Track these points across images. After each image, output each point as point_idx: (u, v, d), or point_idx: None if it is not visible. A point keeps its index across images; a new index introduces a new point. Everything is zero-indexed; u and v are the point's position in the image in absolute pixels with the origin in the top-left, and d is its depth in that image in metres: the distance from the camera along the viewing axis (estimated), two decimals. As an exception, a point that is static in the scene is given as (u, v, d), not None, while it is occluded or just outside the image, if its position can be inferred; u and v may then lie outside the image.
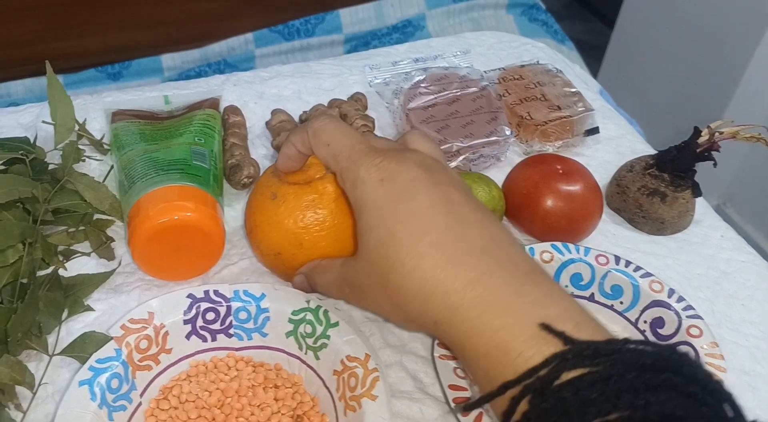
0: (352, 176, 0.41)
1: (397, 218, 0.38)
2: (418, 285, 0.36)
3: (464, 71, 0.69)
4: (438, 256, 0.36)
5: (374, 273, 0.39)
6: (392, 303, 0.39)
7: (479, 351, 0.34)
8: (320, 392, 0.46)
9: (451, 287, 0.35)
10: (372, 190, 0.39)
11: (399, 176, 0.39)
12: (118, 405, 0.43)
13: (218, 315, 0.47)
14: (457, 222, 0.37)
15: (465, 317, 0.35)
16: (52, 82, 0.59)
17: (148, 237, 0.49)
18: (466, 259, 0.36)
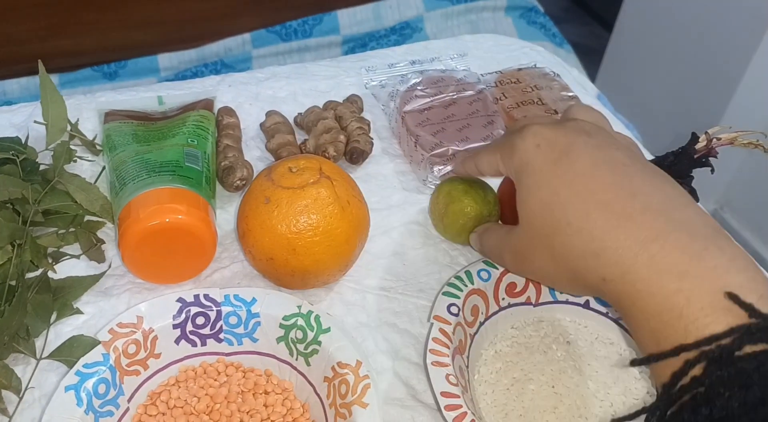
0: (508, 149, 0.42)
1: (559, 179, 0.38)
2: (587, 243, 0.36)
3: (461, 74, 0.69)
4: (608, 214, 0.36)
5: (538, 236, 0.39)
6: (558, 264, 0.39)
7: (649, 312, 0.34)
8: (311, 398, 0.45)
9: (624, 244, 0.35)
10: (531, 155, 0.40)
11: (556, 140, 0.39)
12: (105, 411, 0.42)
13: (208, 319, 0.47)
14: (625, 182, 0.37)
15: (638, 276, 0.34)
16: (45, 82, 0.58)
17: (138, 240, 0.48)
18: (639, 217, 0.35)
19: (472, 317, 0.48)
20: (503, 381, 0.47)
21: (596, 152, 0.39)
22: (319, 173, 0.49)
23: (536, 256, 0.40)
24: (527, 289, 0.51)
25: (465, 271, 0.49)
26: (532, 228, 0.40)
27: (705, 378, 0.31)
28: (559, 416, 0.45)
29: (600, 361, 0.48)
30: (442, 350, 0.45)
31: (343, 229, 0.49)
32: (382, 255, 0.56)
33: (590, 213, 0.37)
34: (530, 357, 0.49)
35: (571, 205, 0.37)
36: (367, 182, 0.62)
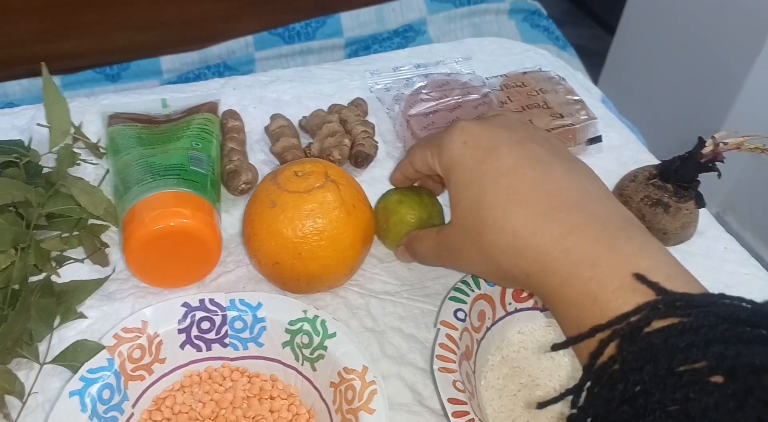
0: (437, 146, 0.43)
1: (485, 178, 0.40)
2: (510, 241, 0.38)
3: (466, 77, 0.68)
4: (527, 213, 0.38)
5: (469, 234, 0.41)
6: (486, 260, 0.40)
7: (568, 301, 0.35)
8: (316, 404, 0.45)
9: (541, 241, 0.37)
10: (458, 154, 0.41)
11: (482, 137, 0.41)
12: (110, 417, 0.42)
13: (213, 324, 0.46)
14: (544, 178, 0.39)
15: (555, 269, 0.36)
16: (48, 85, 0.58)
17: (142, 244, 0.48)
18: (555, 214, 0.37)
19: (479, 322, 0.48)
20: (510, 386, 0.47)
21: (518, 148, 0.40)
22: (325, 177, 0.49)
23: (467, 252, 0.42)
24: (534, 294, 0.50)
25: (471, 276, 0.49)
26: (463, 225, 0.41)
27: (618, 356, 0.32)
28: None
29: (607, 367, 0.48)
30: (449, 356, 0.44)
31: (349, 234, 0.49)
32: (387, 259, 0.56)
33: (513, 212, 0.38)
34: (538, 362, 0.48)
35: (496, 203, 0.39)
36: (372, 186, 0.62)
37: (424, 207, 0.53)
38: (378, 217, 0.54)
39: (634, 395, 0.30)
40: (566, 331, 0.37)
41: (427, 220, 0.53)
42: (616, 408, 0.31)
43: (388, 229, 0.53)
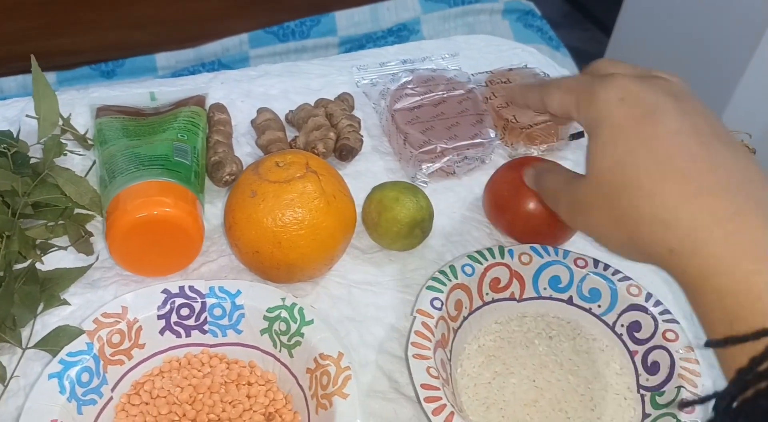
0: (588, 96, 0.38)
1: (639, 138, 0.36)
2: (657, 210, 0.34)
3: (451, 73, 0.69)
4: (684, 184, 0.34)
5: (604, 192, 0.37)
6: (618, 225, 0.37)
7: (723, 291, 0.32)
8: (293, 390, 0.46)
9: (699, 217, 0.33)
10: (612, 108, 0.37)
11: (643, 98, 0.37)
12: (88, 399, 0.43)
13: (193, 311, 0.47)
14: (708, 154, 0.35)
15: (711, 253, 0.33)
16: (37, 77, 0.58)
17: (125, 232, 0.49)
18: (720, 192, 0.34)
19: (455, 311, 0.49)
20: (485, 374, 0.48)
21: (682, 118, 0.36)
22: (306, 168, 0.50)
23: (596, 212, 0.38)
24: (511, 284, 0.51)
25: (449, 266, 0.50)
26: (599, 183, 0.37)
27: None
28: (540, 409, 0.46)
29: (581, 356, 0.49)
30: (424, 343, 0.45)
31: (329, 224, 0.49)
32: (369, 250, 0.57)
33: (666, 180, 0.35)
34: (512, 351, 0.49)
35: (646, 167, 0.35)
36: (357, 179, 0.62)
37: (419, 209, 0.54)
38: (370, 208, 0.55)
39: None
40: (709, 322, 0.33)
41: (420, 223, 0.54)
42: None
43: (379, 224, 0.54)
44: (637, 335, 0.48)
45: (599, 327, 0.50)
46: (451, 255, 0.57)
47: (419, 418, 0.46)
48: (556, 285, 0.51)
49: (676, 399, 0.44)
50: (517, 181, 0.55)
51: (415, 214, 0.53)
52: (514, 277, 0.51)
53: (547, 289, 0.51)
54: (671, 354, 0.46)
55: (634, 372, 0.47)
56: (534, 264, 0.51)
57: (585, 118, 0.39)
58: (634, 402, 0.46)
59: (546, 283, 0.51)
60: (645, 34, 1.60)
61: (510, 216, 0.55)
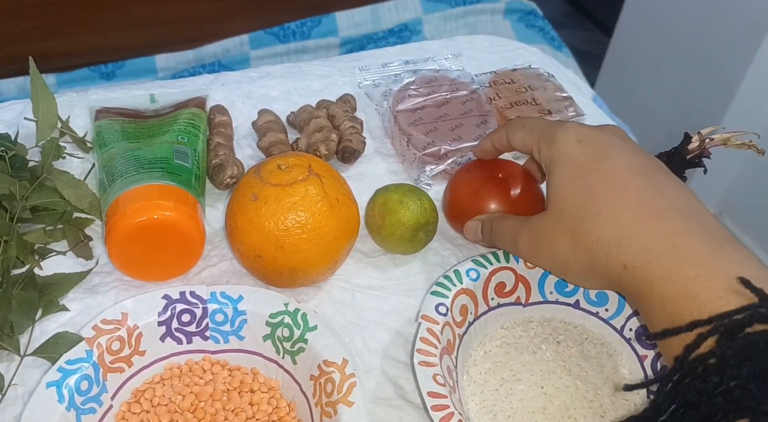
0: (549, 138, 0.45)
1: (596, 173, 0.42)
2: (613, 232, 0.40)
3: (455, 74, 0.68)
4: (637, 208, 0.40)
5: (565, 221, 0.42)
6: (577, 250, 0.42)
7: (667, 296, 0.36)
8: (297, 397, 0.45)
9: (650, 235, 0.38)
10: (571, 148, 0.43)
11: (597, 139, 0.43)
12: (88, 408, 0.42)
13: (194, 316, 0.46)
14: (655, 185, 0.41)
15: (659, 264, 0.37)
16: (35, 79, 0.58)
17: (125, 236, 0.48)
18: (666, 215, 0.39)
19: (460, 317, 0.48)
20: (492, 381, 0.47)
21: (630, 156, 0.42)
22: (308, 170, 0.49)
23: (556, 241, 0.43)
24: (517, 289, 0.50)
25: (454, 270, 0.49)
26: (560, 214, 0.43)
27: (716, 350, 0.33)
28: (548, 417, 0.45)
29: (590, 362, 0.48)
30: (429, 350, 0.44)
31: (332, 227, 0.48)
32: (372, 254, 0.56)
33: (620, 206, 0.40)
34: (519, 357, 0.48)
35: (603, 196, 0.41)
36: (359, 181, 0.62)
37: (423, 212, 0.53)
38: (373, 211, 0.54)
39: (730, 389, 0.32)
40: (656, 326, 0.37)
41: (424, 226, 0.53)
42: (707, 400, 0.32)
43: (383, 227, 0.53)
44: (647, 339, 0.47)
45: (607, 331, 0.49)
46: (455, 258, 0.56)
47: (425, 426, 0.46)
48: (562, 289, 0.50)
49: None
50: (475, 185, 0.54)
51: (419, 217, 0.53)
52: (519, 281, 0.50)
53: (554, 293, 0.50)
54: (682, 359, 0.45)
55: (644, 377, 0.47)
56: (540, 269, 0.50)
57: (545, 156, 0.45)
58: (644, 407, 0.45)
59: (552, 287, 0.50)
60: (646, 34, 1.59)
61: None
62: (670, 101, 1.55)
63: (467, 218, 0.54)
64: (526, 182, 0.54)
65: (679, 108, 1.52)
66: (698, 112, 1.47)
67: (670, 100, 1.55)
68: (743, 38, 1.32)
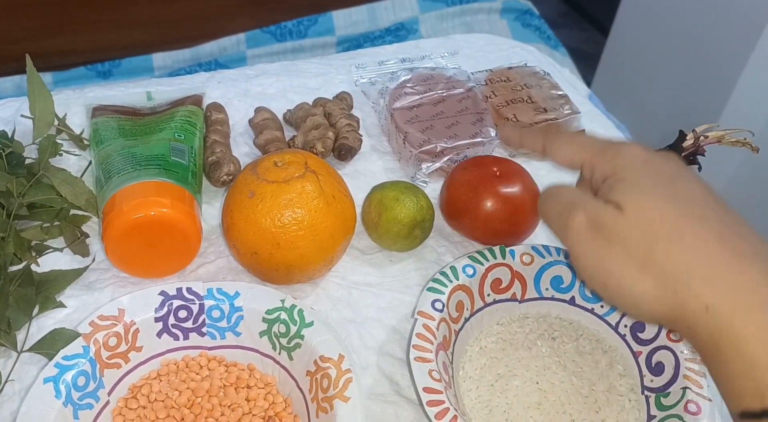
0: (610, 153, 0.38)
1: (673, 195, 0.36)
2: (698, 265, 0.33)
3: (451, 72, 0.68)
4: (722, 245, 0.34)
5: (638, 232, 0.35)
6: (644, 270, 0.35)
7: (757, 362, 0.31)
8: (293, 393, 0.45)
9: (739, 279, 0.33)
10: (639, 166, 0.37)
11: (663, 164, 0.37)
12: (85, 403, 0.42)
13: (191, 313, 0.46)
14: (732, 220, 0.35)
15: (751, 319, 0.32)
16: (32, 77, 0.58)
17: (122, 233, 0.48)
18: (752, 258, 0.33)
19: (456, 313, 0.48)
20: (487, 377, 0.47)
21: (702, 185, 0.37)
22: (305, 167, 0.49)
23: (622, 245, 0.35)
24: (513, 285, 0.50)
25: (450, 267, 0.49)
26: (636, 219, 0.35)
27: None
28: (543, 412, 0.45)
29: (585, 358, 0.48)
30: (425, 346, 0.44)
31: (328, 224, 0.49)
32: (369, 251, 0.56)
33: (705, 237, 0.34)
34: (515, 353, 0.48)
35: (687, 220, 0.35)
36: (356, 179, 0.62)
37: (419, 209, 0.53)
38: (370, 208, 0.54)
39: None
40: (737, 391, 0.32)
41: (420, 223, 0.53)
42: None
43: (379, 224, 0.53)
44: (641, 335, 0.47)
45: (602, 327, 0.50)
46: (452, 256, 0.56)
47: (421, 421, 0.46)
48: (558, 285, 0.51)
49: (681, 400, 0.43)
50: (473, 183, 0.54)
51: (415, 214, 0.53)
52: (515, 278, 0.50)
53: (549, 290, 0.51)
54: (676, 354, 0.45)
55: (639, 373, 0.47)
56: (536, 265, 0.50)
57: (605, 169, 0.38)
58: (638, 403, 0.46)
59: (548, 284, 0.51)
60: (642, 33, 1.60)
61: (470, 219, 0.55)
62: (667, 100, 1.55)
63: (465, 216, 0.55)
64: (523, 180, 0.55)
65: (676, 107, 1.53)
66: (695, 110, 1.47)
67: (666, 99, 1.56)
68: (739, 37, 1.33)
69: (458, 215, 0.55)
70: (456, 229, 0.57)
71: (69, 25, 1.17)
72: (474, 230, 0.55)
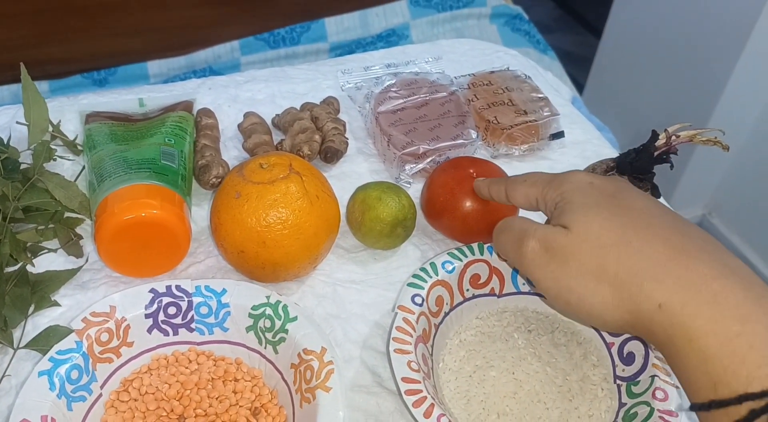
0: (556, 183, 0.43)
1: (618, 207, 0.39)
2: (648, 266, 0.36)
3: (434, 76, 0.71)
4: (668, 245, 0.36)
5: (590, 243, 0.38)
6: (600, 279, 0.37)
7: (708, 353, 0.33)
8: (279, 385, 0.47)
9: (686, 275, 0.35)
10: (585, 188, 0.41)
11: (607, 182, 0.42)
12: (78, 396, 0.44)
13: (180, 309, 0.48)
14: (675, 225, 0.38)
15: (699, 312, 0.34)
16: (27, 84, 0.60)
17: (113, 234, 0.50)
18: (698, 255, 0.36)
19: (436, 307, 0.50)
20: (466, 368, 0.49)
21: (643, 198, 0.40)
22: (289, 169, 0.51)
23: (575, 262, 0.38)
24: (491, 281, 0.52)
25: (430, 263, 0.51)
26: (585, 235, 0.39)
27: None
28: (519, 401, 0.47)
29: (559, 349, 0.50)
30: (405, 338, 0.46)
31: (312, 223, 0.50)
32: (354, 250, 0.58)
33: (650, 240, 0.37)
34: (492, 345, 0.50)
35: (632, 227, 0.38)
36: (342, 180, 0.64)
37: (401, 208, 0.55)
38: (353, 208, 0.56)
39: None
40: (691, 383, 0.34)
41: (402, 222, 0.55)
42: None
43: (363, 223, 0.55)
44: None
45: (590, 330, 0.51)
46: (434, 253, 0.58)
47: (401, 411, 0.48)
48: (535, 280, 0.52)
49: (650, 388, 0.45)
50: (450, 185, 0.56)
51: (397, 213, 0.55)
52: (493, 273, 0.52)
53: (526, 285, 0.52)
54: (645, 344, 0.47)
55: (611, 363, 0.49)
56: (513, 261, 0.52)
57: (554, 198, 0.42)
58: (610, 392, 0.47)
59: (524, 279, 0.52)
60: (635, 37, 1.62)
61: (449, 219, 0.56)
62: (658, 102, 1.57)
63: (444, 216, 0.57)
64: None
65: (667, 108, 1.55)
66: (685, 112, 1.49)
67: (658, 100, 1.58)
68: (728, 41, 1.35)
69: (437, 215, 0.57)
70: (436, 228, 0.59)
71: (64, 33, 1.19)
72: (452, 229, 0.57)
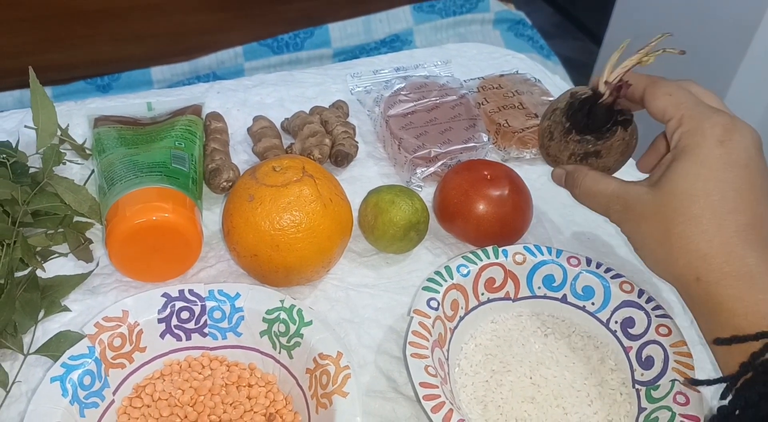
0: (694, 123, 0.43)
1: (721, 183, 0.41)
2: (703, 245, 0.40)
3: (444, 80, 0.70)
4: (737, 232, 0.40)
5: (666, 210, 0.42)
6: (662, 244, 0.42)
7: (735, 312, 0.38)
8: (293, 390, 0.46)
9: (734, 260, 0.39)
10: (711, 146, 0.41)
11: (738, 147, 0.41)
12: (90, 402, 0.43)
13: (193, 314, 0.48)
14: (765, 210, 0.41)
15: (733, 284, 0.39)
16: (35, 88, 0.59)
17: (124, 238, 0.49)
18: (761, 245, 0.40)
19: (452, 311, 0.49)
20: (482, 373, 0.48)
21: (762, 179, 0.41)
22: (302, 172, 0.51)
23: (649, 223, 0.42)
24: (506, 284, 0.52)
25: (445, 267, 0.50)
26: (666, 200, 0.42)
27: None
28: (537, 405, 0.46)
29: (577, 353, 0.49)
30: (421, 342, 0.46)
31: (326, 226, 0.50)
32: (366, 253, 0.57)
33: (723, 223, 0.40)
34: (509, 349, 0.50)
35: (715, 207, 0.40)
36: (353, 184, 0.63)
37: (414, 212, 0.54)
38: (366, 212, 0.56)
39: None
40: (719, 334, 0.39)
41: (415, 225, 0.55)
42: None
43: (375, 227, 0.55)
44: (631, 331, 0.49)
45: (593, 324, 0.51)
46: (447, 257, 0.57)
47: (418, 416, 0.47)
48: (550, 284, 0.52)
49: (671, 392, 0.44)
50: (464, 187, 0.56)
51: (410, 217, 0.54)
52: (508, 277, 0.52)
53: (542, 288, 0.52)
54: (665, 348, 0.46)
55: (629, 367, 0.48)
56: (528, 264, 0.52)
57: (681, 139, 0.43)
58: (629, 396, 0.47)
59: (540, 282, 0.52)
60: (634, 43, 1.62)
61: (462, 222, 0.56)
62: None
63: (457, 219, 0.56)
64: (513, 183, 0.56)
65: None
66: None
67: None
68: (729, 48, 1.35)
69: (451, 218, 0.57)
70: (449, 232, 0.59)
71: (67, 40, 1.19)
72: (466, 232, 0.57)
